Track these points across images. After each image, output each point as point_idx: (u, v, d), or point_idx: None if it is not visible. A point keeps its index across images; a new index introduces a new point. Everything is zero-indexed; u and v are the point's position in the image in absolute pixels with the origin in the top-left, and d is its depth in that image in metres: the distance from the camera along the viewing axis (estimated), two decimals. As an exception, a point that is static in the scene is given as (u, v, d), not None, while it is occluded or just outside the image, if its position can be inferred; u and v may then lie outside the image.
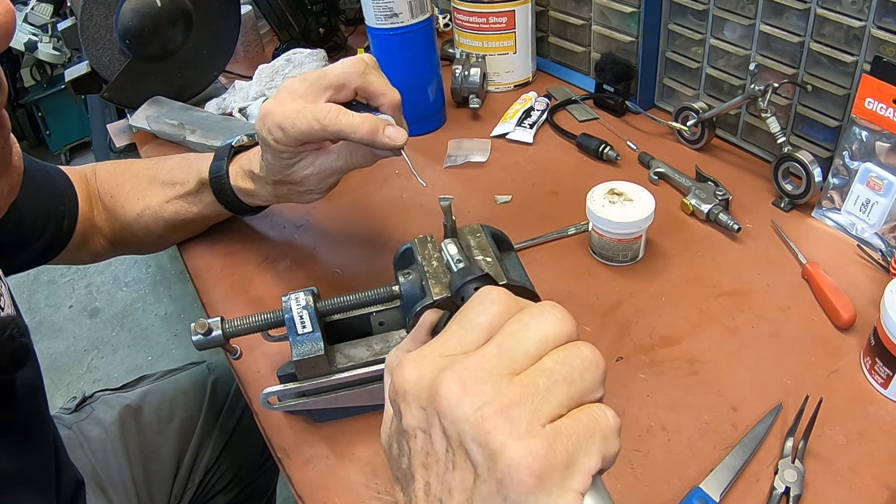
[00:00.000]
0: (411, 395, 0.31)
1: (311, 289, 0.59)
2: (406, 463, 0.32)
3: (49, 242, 0.73)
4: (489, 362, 0.30)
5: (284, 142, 0.61)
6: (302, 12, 1.24)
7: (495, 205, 0.87)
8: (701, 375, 0.62)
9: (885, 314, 0.56)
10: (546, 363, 0.30)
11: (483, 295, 0.34)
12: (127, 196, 0.77)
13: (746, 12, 0.83)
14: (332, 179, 0.67)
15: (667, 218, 0.81)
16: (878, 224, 0.72)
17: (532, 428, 0.28)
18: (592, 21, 1.04)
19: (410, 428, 0.31)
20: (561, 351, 0.31)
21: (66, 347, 2.23)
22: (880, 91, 0.69)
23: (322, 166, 0.65)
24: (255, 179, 0.70)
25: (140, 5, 1.00)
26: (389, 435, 0.36)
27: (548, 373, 0.30)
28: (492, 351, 0.30)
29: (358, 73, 0.61)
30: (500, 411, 0.28)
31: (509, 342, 0.31)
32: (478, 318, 0.32)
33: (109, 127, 1.19)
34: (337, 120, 0.59)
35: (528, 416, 0.28)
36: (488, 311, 0.33)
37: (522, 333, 0.31)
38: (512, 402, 0.28)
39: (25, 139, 3.29)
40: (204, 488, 0.91)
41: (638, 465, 0.55)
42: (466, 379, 0.29)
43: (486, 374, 0.29)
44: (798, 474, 0.52)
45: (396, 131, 0.60)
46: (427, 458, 0.30)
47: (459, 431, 0.28)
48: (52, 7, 2.57)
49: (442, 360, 0.31)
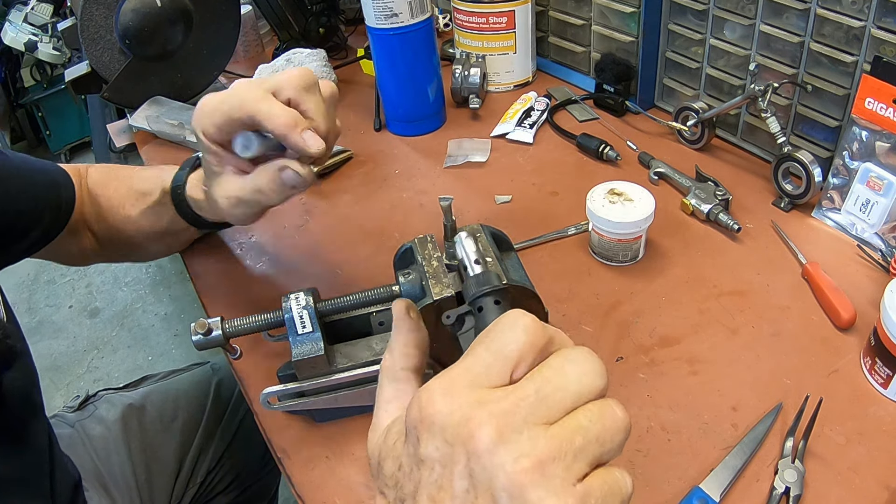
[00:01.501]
0: (438, 427, 0.30)
1: (311, 289, 0.59)
2: (410, 488, 0.31)
3: (48, 227, 0.72)
4: (526, 409, 0.29)
5: (210, 133, 0.56)
6: (302, 12, 1.24)
7: (495, 205, 0.87)
8: (701, 375, 0.62)
9: (885, 314, 0.56)
10: (581, 420, 0.30)
11: (513, 321, 0.32)
12: (111, 202, 0.75)
13: (746, 12, 0.83)
14: (241, 209, 0.60)
15: (667, 218, 0.81)
16: (878, 224, 0.72)
17: (566, 487, 0.28)
18: (592, 21, 1.04)
19: (429, 459, 0.30)
20: (596, 408, 0.30)
21: (66, 347, 2.23)
22: (880, 91, 0.69)
23: (229, 189, 0.59)
24: (203, 190, 0.66)
25: (140, 5, 1.00)
26: (388, 450, 0.34)
27: (583, 431, 0.29)
28: (529, 396, 0.30)
29: (294, 85, 0.55)
30: (536, 465, 0.28)
31: (547, 389, 0.30)
32: (508, 348, 0.31)
33: (109, 127, 1.19)
34: (256, 103, 0.54)
35: (562, 474, 0.28)
36: (520, 340, 0.32)
37: (561, 382, 0.30)
38: (548, 456, 0.28)
39: (25, 139, 3.30)
40: (205, 488, 0.91)
41: (638, 465, 0.55)
42: (503, 425, 0.29)
43: (522, 422, 0.29)
44: (798, 474, 0.52)
45: (315, 139, 0.54)
46: (439, 492, 0.30)
47: (491, 478, 0.28)
48: (52, 7, 2.57)
49: (474, 393, 0.30)
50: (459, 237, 0.49)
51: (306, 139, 0.54)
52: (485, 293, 0.43)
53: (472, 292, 0.44)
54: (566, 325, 0.68)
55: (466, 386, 0.31)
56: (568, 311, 0.70)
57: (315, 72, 1.13)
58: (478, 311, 0.43)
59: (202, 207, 0.68)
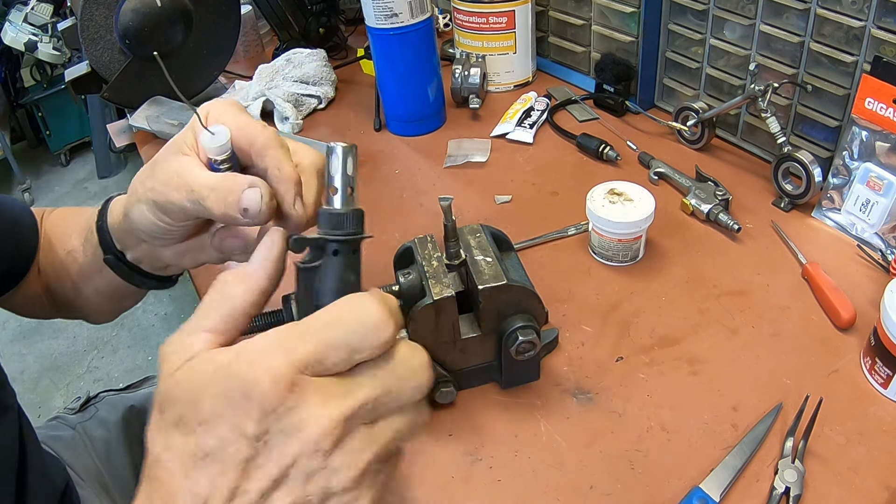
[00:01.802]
0: (271, 408, 0.30)
1: (311, 289, 0.58)
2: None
3: (4, 273, 0.62)
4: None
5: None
6: (302, 12, 1.24)
7: (495, 205, 0.87)
8: (701, 375, 0.62)
9: (885, 314, 0.56)
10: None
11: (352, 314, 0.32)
12: (55, 245, 0.63)
13: (746, 12, 0.83)
14: (160, 216, 0.47)
15: (667, 218, 0.81)
16: (878, 224, 0.72)
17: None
18: (592, 21, 1.04)
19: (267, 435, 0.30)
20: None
21: (66, 347, 2.23)
22: (880, 91, 0.69)
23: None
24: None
25: (140, 5, 1.00)
26: (214, 393, 0.31)
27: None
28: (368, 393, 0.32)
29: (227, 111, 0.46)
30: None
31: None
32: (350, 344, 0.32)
33: (109, 127, 1.19)
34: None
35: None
36: (366, 340, 0.32)
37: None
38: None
39: (25, 139, 3.30)
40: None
41: (638, 465, 0.55)
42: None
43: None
44: (798, 474, 0.52)
45: (252, 195, 0.42)
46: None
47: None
48: (52, 7, 2.58)
49: (314, 384, 0.31)
50: (335, 150, 0.38)
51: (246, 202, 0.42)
52: (336, 239, 0.39)
53: (322, 231, 0.39)
54: (566, 325, 0.68)
55: (303, 364, 0.31)
56: (568, 311, 0.70)
57: (315, 72, 1.14)
58: (333, 254, 0.39)
59: (118, 231, 0.54)
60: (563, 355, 0.65)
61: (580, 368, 0.64)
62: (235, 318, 0.35)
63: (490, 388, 0.63)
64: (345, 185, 0.39)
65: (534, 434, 0.59)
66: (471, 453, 0.58)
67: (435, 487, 0.55)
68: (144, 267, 0.55)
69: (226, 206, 0.42)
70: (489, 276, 0.56)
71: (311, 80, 1.13)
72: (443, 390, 0.58)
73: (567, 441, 0.58)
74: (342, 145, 0.38)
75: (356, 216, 0.39)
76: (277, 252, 0.39)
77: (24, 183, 2.96)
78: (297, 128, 1.08)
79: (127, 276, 0.56)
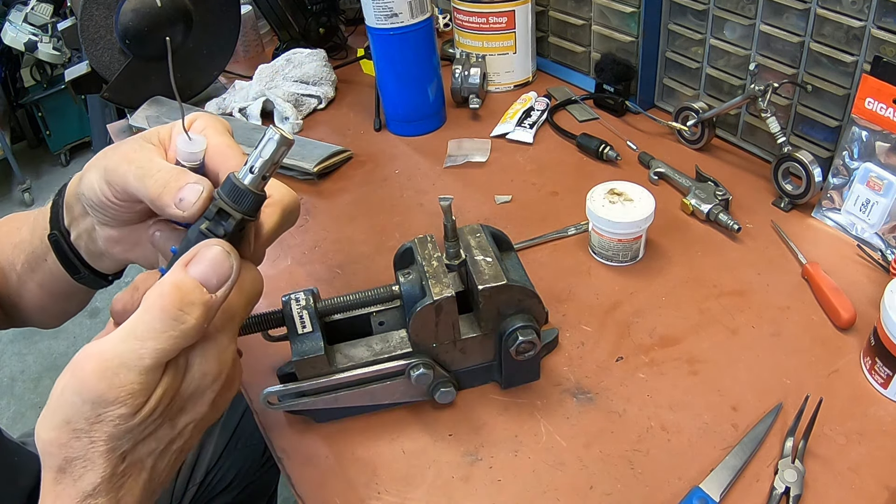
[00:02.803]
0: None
1: (311, 289, 0.59)
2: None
3: None
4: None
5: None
6: (302, 12, 1.24)
7: (495, 205, 0.87)
8: (701, 375, 0.62)
9: (885, 314, 0.56)
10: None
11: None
12: (2, 241, 0.61)
13: (746, 12, 0.83)
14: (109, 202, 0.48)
15: (667, 218, 0.81)
16: (878, 224, 0.72)
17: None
18: (592, 21, 1.04)
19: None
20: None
21: (67, 347, 2.23)
22: (880, 91, 0.69)
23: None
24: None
25: (140, 5, 1.00)
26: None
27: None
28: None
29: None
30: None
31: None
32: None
33: (109, 127, 1.19)
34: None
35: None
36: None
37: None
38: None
39: (25, 139, 3.30)
40: (205, 488, 0.91)
41: (638, 465, 0.55)
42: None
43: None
44: (798, 474, 0.52)
45: (193, 189, 0.42)
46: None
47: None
48: (52, 7, 2.57)
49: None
50: (272, 136, 0.39)
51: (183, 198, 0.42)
52: (230, 209, 0.40)
53: (220, 194, 0.41)
54: (566, 325, 0.68)
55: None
56: (568, 311, 0.70)
57: (315, 72, 1.14)
58: (237, 230, 0.41)
59: (69, 198, 0.53)
60: (563, 355, 0.65)
61: (580, 368, 0.64)
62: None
63: (490, 388, 0.63)
64: (263, 168, 0.40)
65: (534, 434, 0.59)
66: (471, 453, 0.58)
67: (435, 487, 0.55)
68: (82, 251, 0.55)
69: (164, 190, 0.43)
70: (489, 276, 0.56)
71: (311, 80, 1.13)
72: (443, 390, 0.58)
73: (567, 441, 0.58)
74: (281, 134, 0.39)
75: (256, 200, 0.41)
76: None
77: (24, 183, 2.96)
78: (297, 128, 1.08)
79: (67, 261, 0.55)
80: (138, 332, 0.37)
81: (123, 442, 0.39)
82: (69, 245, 0.55)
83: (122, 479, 0.39)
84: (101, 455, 0.38)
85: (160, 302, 0.38)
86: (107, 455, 0.38)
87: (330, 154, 0.95)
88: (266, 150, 0.40)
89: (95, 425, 0.37)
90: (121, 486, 0.39)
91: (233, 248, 0.41)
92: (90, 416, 0.37)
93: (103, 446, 0.38)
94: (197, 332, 0.39)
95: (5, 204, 3.02)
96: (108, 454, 0.38)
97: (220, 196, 0.41)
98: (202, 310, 0.39)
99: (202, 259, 0.40)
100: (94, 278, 0.57)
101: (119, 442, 0.38)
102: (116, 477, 0.39)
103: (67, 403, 0.37)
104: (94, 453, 0.38)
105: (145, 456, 0.40)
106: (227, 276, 0.40)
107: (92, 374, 0.37)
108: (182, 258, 0.40)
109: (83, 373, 0.37)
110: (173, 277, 0.39)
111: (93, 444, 0.38)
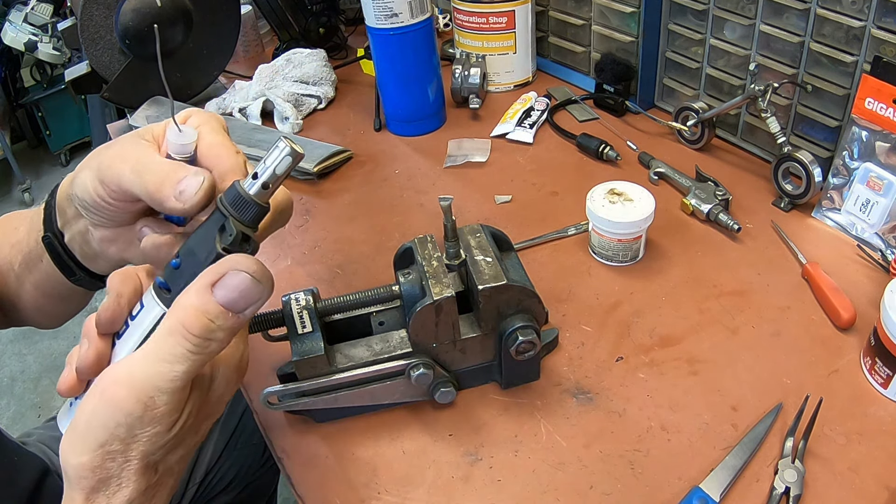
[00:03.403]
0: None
1: (311, 289, 0.59)
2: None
3: None
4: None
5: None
6: (302, 12, 1.24)
7: (495, 205, 0.87)
8: (701, 375, 0.62)
9: (885, 314, 0.56)
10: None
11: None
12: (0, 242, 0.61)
13: (746, 12, 0.83)
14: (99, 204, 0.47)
15: (667, 218, 0.81)
16: (878, 224, 0.72)
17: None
18: (592, 21, 1.04)
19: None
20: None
21: (67, 347, 2.23)
22: (880, 91, 0.69)
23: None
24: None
25: (140, 5, 1.00)
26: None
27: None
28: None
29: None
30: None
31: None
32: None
33: (109, 127, 1.19)
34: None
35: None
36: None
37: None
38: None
39: (25, 139, 3.30)
40: (205, 488, 0.91)
41: (638, 465, 0.55)
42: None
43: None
44: (798, 474, 0.52)
45: (193, 181, 0.41)
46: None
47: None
48: (52, 7, 2.57)
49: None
50: (282, 148, 0.38)
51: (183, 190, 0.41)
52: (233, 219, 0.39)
53: (227, 209, 0.39)
54: (566, 325, 0.68)
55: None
56: (568, 311, 0.70)
57: (315, 72, 1.14)
58: (243, 240, 0.41)
59: (62, 200, 0.52)
60: (563, 355, 0.65)
61: (580, 368, 0.64)
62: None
63: (490, 388, 0.63)
64: (269, 180, 0.39)
65: (534, 434, 0.59)
66: (471, 453, 0.58)
67: (435, 487, 0.55)
68: (76, 253, 0.54)
69: (163, 183, 0.41)
70: (489, 276, 0.56)
71: (311, 80, 1.13)
72: (443, 390, 0.58)
73: (567, 441, 0.58)
74: (291, 147, 0.38)
75: (259, 212, 0.40)
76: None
77: (24, 183, 2.96)
78: (297, 128, 1.08)
79: (61, 262, 0.55)
80: (166, 355, 0.38)
81: (156, 456, 0.39)
82: (63, 247, 0.54)
83: (155, 489, 0.40)
84: (135, 472, 0.38)
85: (185, 327, 0.38)
86: (142, 472, 0.39)
87: (330, 154, 0.95)
88: (274, 162, 0.38)
89: (131, 445, 0.38)
90: (153, 496, 0.40)
91: (262, 268, 0.39)
92: (125, 438, 0.38)
93: (138, 464, 0.38)
94: (221, 350, 0.40)
95: (5, 204, 3.02)
96: (143, 471, 0.39)
97: (222, 203, 0.39)
98: (228, 334, 0.39)
99: (228, 285, 0.39)
100: (89, 280, 0.57)
101: (153, 457, 0.39)
102: (151, 489, 0.40)
103: (101, 427, 0.38)
104: (128, 471, 0.38)
105: (174, 463, 0.42)
106: (255, 300, 0.40)
107: (126, 400, 0.37)
108: (205, 279, 0.39)
109: (116, 398, 0.37)
110: (200, 302, 0.38)
111: (127, 462, 0.38)
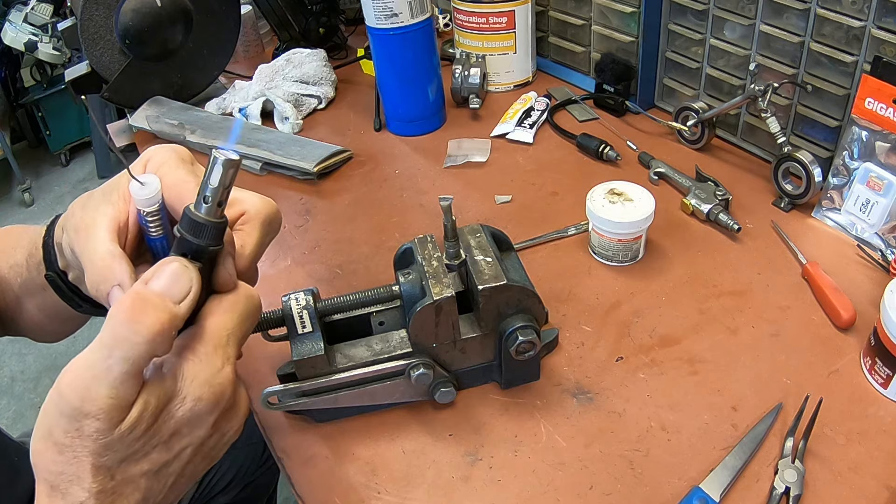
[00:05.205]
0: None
1: (311, 289, 0.59)
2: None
3: None
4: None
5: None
6: (302, 12, 1.24)
7: (495, 205, 0.87)
8: (701, 375, 0.62)
9: (885, 314, 0.56)
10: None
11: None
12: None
13: (746, 12, 0.83)
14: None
15: (667, 218, 0.81)
16: (878, 224, 0.72)
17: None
18: (592, 21, 1.04)
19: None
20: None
21: (67, 347, 2.23)
22: (880, 91, 0.69)
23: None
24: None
25: (140, 5, 1.00)
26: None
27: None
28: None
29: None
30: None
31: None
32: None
33: (109, 127, 1.19)
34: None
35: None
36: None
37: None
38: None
39: (25, 139, 3.30)
40: (205, 488, 0.91)
41: (638, 465, 0.55)
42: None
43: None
44: (798, 474, 0.52)
45: (118, 293, 0.43)
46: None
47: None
48: (52, 7, 2.58)
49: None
50: (217, 160, 0.38)
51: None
52: (196, 248, 0.40)
53: (181, 230, 0.40)
54: (566, 325, 0.68)
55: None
56: (568, 311, 0.70)
57: (315, 72, 1.14)
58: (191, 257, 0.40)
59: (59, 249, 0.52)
60: (563, 355, 0.65)
61: (580, 368, 0.64)
62: None
63: (490, 388, 0.63)
64: (215, 195, 0.39)
65: (534, 434, 0.59)
66: (471, 453, 0.58)
67: (435, 487, 0.55)
68: (82, 289, 0.53)
69: (100, 284, 0.43)
70: (489, 276, 0.56)
71: (311, 80, 1.13)
72: (443, 390, 0.58)
73: (567, 441, 0.58)
74: (225, 157, 0.38)
75: (216, 228, 0.40)
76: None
77: (24, 183, 2.96)
78: (297, 128, 1.08)
79: (66, 297, 0.55)
80: (105, 339, 0.37)
81: (108, 458, 0.38)
82: (67, 284, 0.54)
83: (112, 496, 0.39)
84: (87, 471, 0.37)
85: (121, 308, 0.37)
86: (92, 471, 0.38)
87: (330, 154, 0.95)
88: (214, 177, 0.38)
89: (76, 440, 0.37)
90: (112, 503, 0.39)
91: (191, 262, 0.40)
92: (69, 430, 0.37)
93: (87, 461, 0.37)
94: (162, 338, 0.37)
95: (5, 204, 3.02)
96: (93, 470, 0.38)
97: (181, 233, 0.40)
98: (166, 315, 0.37)
99: (160, 274, 0.39)
100: (95, 309, 0.56)
101: (103, 458, 0.38)
102: (106, 494, 0.38)
103: (49, 415, 0.37)
104: (79, 468, 0.37)
105: (137, 476, 0.40)
106: (186, 287, 0.39)
107: (67, 387, 0.36)
108: (142, 277, 0.39)
109: (60, 385, 0.37)
110: (133, 287, 0.38)
111: (76, 458, 0.37)
